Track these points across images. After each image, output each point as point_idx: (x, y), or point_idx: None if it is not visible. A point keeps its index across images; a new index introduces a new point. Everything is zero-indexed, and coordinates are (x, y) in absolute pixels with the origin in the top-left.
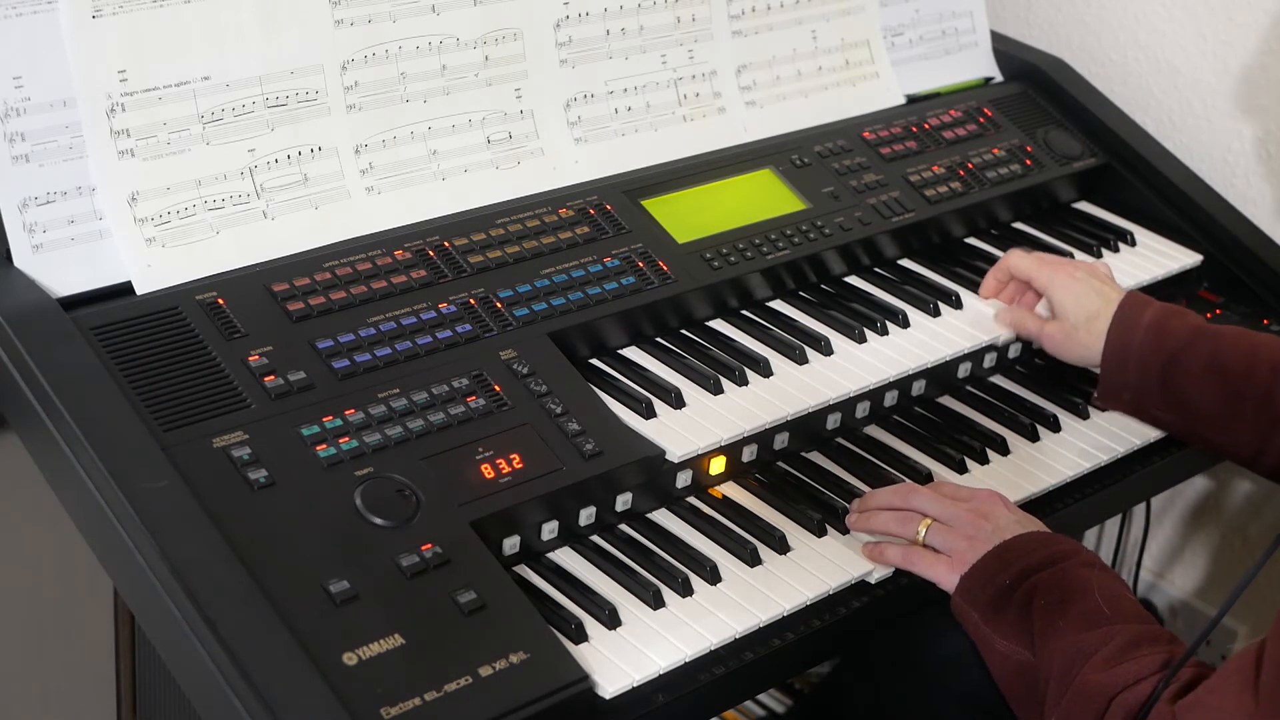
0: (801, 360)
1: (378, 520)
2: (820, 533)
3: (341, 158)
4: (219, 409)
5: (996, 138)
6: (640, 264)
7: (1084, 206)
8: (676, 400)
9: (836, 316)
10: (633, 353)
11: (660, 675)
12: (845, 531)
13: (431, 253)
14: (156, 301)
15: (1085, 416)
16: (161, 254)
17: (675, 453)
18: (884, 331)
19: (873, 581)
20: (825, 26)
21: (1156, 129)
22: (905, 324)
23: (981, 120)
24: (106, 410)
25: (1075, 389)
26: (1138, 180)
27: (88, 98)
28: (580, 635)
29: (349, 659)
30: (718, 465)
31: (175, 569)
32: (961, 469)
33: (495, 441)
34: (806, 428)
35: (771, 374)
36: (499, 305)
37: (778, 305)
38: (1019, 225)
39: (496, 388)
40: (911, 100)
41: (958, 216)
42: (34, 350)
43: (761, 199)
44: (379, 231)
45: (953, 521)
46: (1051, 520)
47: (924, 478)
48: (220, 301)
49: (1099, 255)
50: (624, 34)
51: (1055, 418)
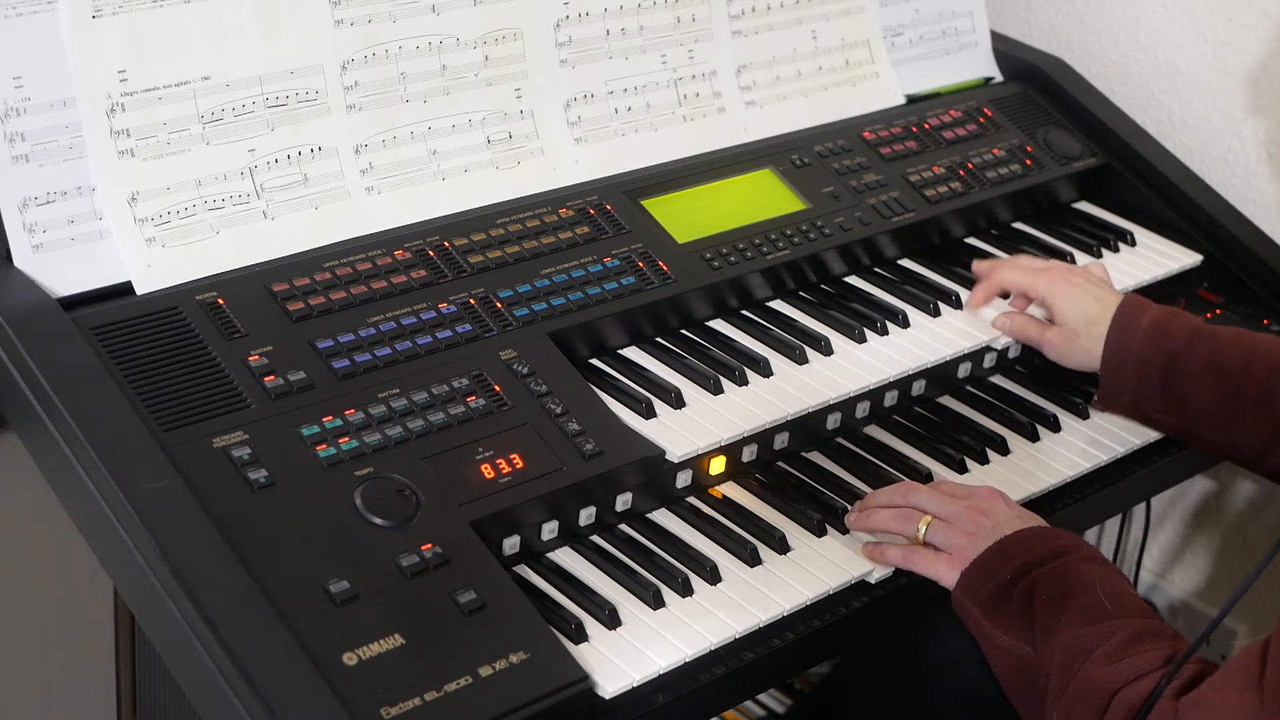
0: (801, 360)
1: (378, 520)
2: (820, 533)
3: (341, 158)
4: (219, 409)
5: (996, 138)
6: (640, 264)
7: (1084, 206)
8: (676, 400)
9: (836, 316)
10: (633, 353)
11: (660, 675)
12: (845, 531)
13: (431, 253)
14: (156, 301)
15: (1085, 416)
16: (161, 254)
17: (675, 453)
18: (884, 331)
19: (873, 581)
20: (825, 26)
21: (1156, 129)
22: (905, 324)
23: (981, 120)
24: (106, 410)
25: (1075, 389)
26: (1138, 180)
27: (88, 98)
28: (580, 635)
29: (349, 659)
30: (718, 465)
31: (175, 569)
32: (961, 469)
33: (495, 441)
34: (806, 428)
35: (771, 374)
36: (499, 305)
37: (778, 305)
38: (1019, 225)
39: (496, 388)
40: (911, 100)
41: (958, 216)
42: (34, 350)
43: (761, 199)
44: (379, 231)
45: (952, 519)
46: (1051, 520)
47: (924, 478)
48: (220, 301)
49: (1099, 255)
50: (624, 34)
51: (1055, 418)
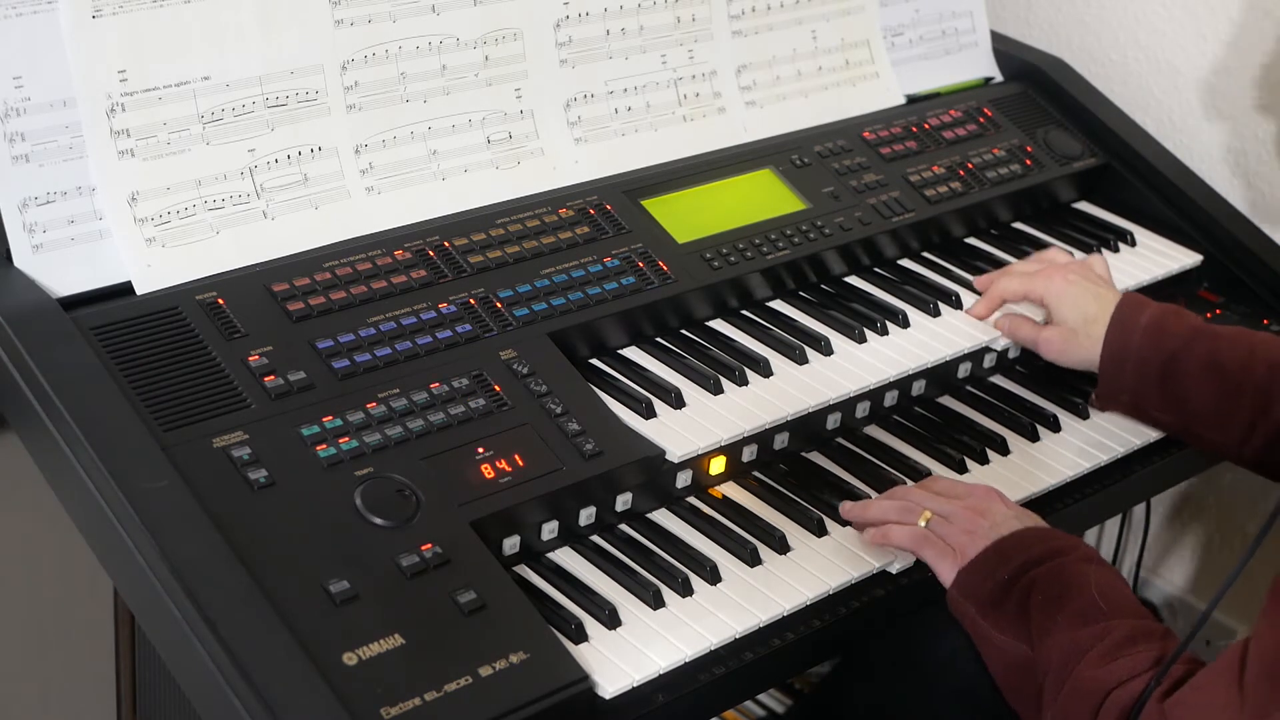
0: (801, 360)
1: (378, 520)
2: (820, 533)
3: (341, 158)
4: (219, 409)
5: (996, 138)
6: (640, 264)
7: (1084, 206)
8: (676, 400)
9: (836, 316)
10: (633, 353)
11: (660, 675)
12: (844, 523)
13: (431, 253)
14: (156, 301)
15: (1085, 416)
16: (161, 254)
17: (675, 453)
18: (884, 331)
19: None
20: (825, 26)
21: (1156, 129)
22: (905, 324)
23: (981, 120)
24: (106, 410)
25: (1075, 389)
26: (1138, 180)
27: (88, 98)
28: (580, 635)
29: (349, 659)
30: (718, 465)
31: (175, 569)
32: (961, 469)
33: (495, 441)
34: (806, 428)
35: (771, 374)
36: (499, 305)
37: (778, 305)
38: (1019, 225)
39: (496, 388)
40: (911, 100)
41: (958, 216)
42: (34, 350)
43: (761, 199)
44: (379, 231)
45: (950, 517)
46: (1051, 520)
47: (924, 478)
48: (220, 301)
49: (1101, 256)
50: (624, 34)
51: (1055, 418)
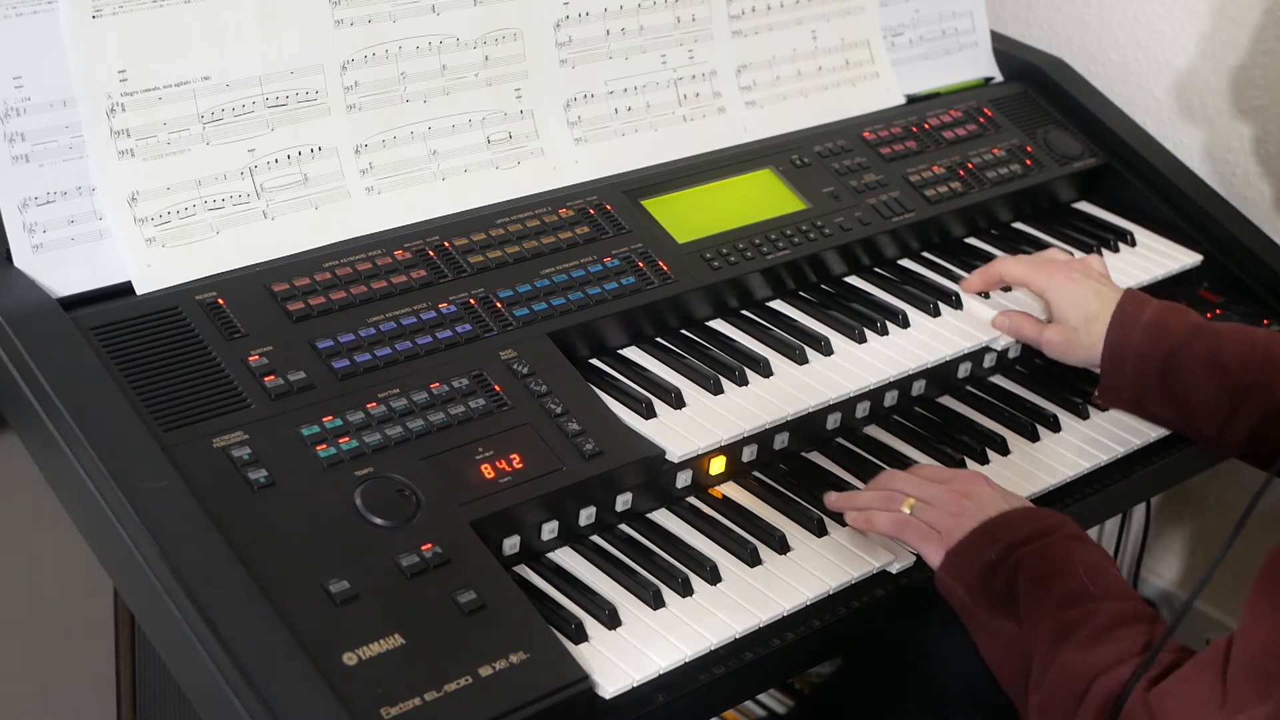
0: (801, 360)
1: (378, 520)
2: (820, 533)
3: (341, 158)
4: (219, 409)
5: (996, 138)
6: (640, 264)
7: (1084, 206)
8: (676, 400)
9: (836, 316)
10: (633, 353)
11: (660, 675)
12: (844, 522)
13: (431, 253)
14: (156, 301)
15: (1085, 416)
16: (161, 254)
17: (675, 453)
18: (884, 331)
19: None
20: (825, 26)
21: (1156, 129)
22: (905, 324)
23: (981, 120)
24: (106, 410)
25: (1075, 389)
26: (1138, 180)
27: (88, 98)
28: (580, 635)
29: (349, 659)
30: (718, 465)
31: (175, 569)
32: (961, 469)
33: (495, 441)
34: (806, 428)
35: (771, 374)
36: (499, 305)
37: (778, 305)
38: (1019, 225)
39: (496, 388)
40: (911, 100)
41: (958, 216)
42: (34, 350)
43: (761, 199)
44: (379, 231)
45: (936, 501)
46: None
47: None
48: (220, 301)
49: (1099, 255)
50: (624, 34)
51: (1055, 418)
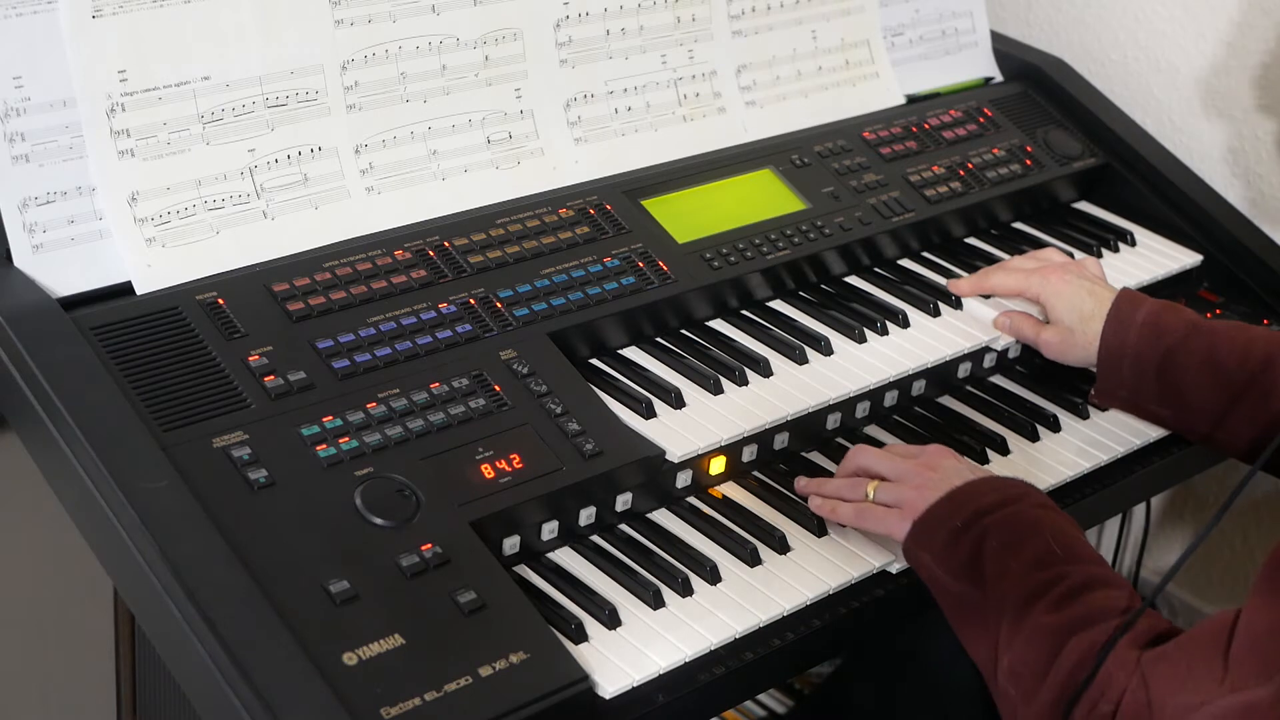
0: (801, 360)
1: (378, 520)
2: (820, 532)
3: (341, 158)
4: (219, 409)
5: (996, 138)
6: (640, 264)
7: (1084, 206)
8: (676, 400)
9: (836, 316)
10: (633, 353)
11: (660, 675)
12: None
13: (431, 253)
14: (156, 301)
15: (1085, 416)
16: (161, 254)
17: (675, 453)
18: (884, 331)
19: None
20: (825, 26)
21: (1156, 129)
22: (905, 324)
23: (981, 120)
24: (106, 410)
25: (1075, 389)
26: (1138, 180)
27: (88, 98)
28: (580, 635)
29: (349, 659)
30: (718, 465)
31: (175, 569)
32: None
33: (495, 441)
34: (806, 428)
35: (771, 374)
36: (499, 305)
37: (778, 305)
38: (1019, 225)
39: (496, 388)
40: (911, 100)
41: (958, 216)
42: (34, 350)
43: (761, 199)
44: (379, 231)
45: (901, 476)
46: None
47: None
48: (220, 301)
49: (1099, 255)
50: (624, 34)
51: (1055, 418)
